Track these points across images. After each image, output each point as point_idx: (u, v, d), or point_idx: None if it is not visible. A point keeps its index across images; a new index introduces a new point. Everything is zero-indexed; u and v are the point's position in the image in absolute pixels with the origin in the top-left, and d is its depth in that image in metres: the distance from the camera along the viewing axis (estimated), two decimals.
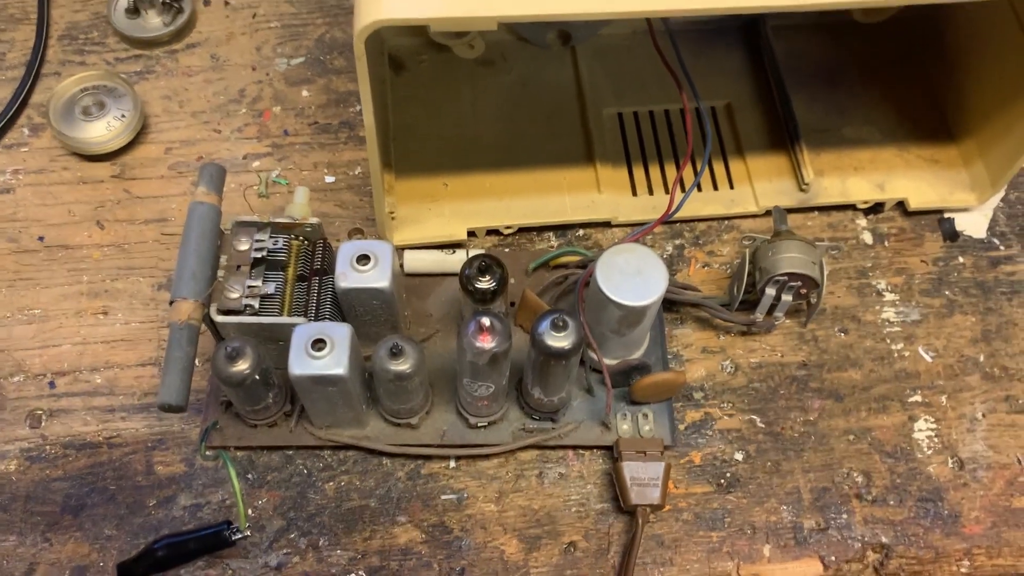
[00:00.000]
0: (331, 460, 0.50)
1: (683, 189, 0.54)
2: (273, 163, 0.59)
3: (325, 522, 0.48)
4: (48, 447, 0.50)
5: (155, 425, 0.51)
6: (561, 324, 0.43)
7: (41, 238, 0.56)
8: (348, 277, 0.45)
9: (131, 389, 0.52)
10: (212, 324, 0.46)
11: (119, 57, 0.63)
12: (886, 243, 0.57)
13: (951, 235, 0.58)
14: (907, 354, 0.53)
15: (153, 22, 0.63)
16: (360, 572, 0.47)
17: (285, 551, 0.47)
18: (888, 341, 0.54)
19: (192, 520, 0.48)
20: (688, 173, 0.57)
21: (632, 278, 0.45)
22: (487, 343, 0.42)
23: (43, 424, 0.51)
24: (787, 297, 0.51)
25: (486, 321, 0.42)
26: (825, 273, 0.51)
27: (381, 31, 0.39)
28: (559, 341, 0.43)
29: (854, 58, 0.62)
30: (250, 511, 0.48)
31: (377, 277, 0.45)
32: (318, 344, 0.43)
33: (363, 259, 0.46)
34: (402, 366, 0.44)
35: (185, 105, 0.61)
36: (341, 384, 0.44)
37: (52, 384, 0.52)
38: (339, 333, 0.44)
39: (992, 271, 0.56)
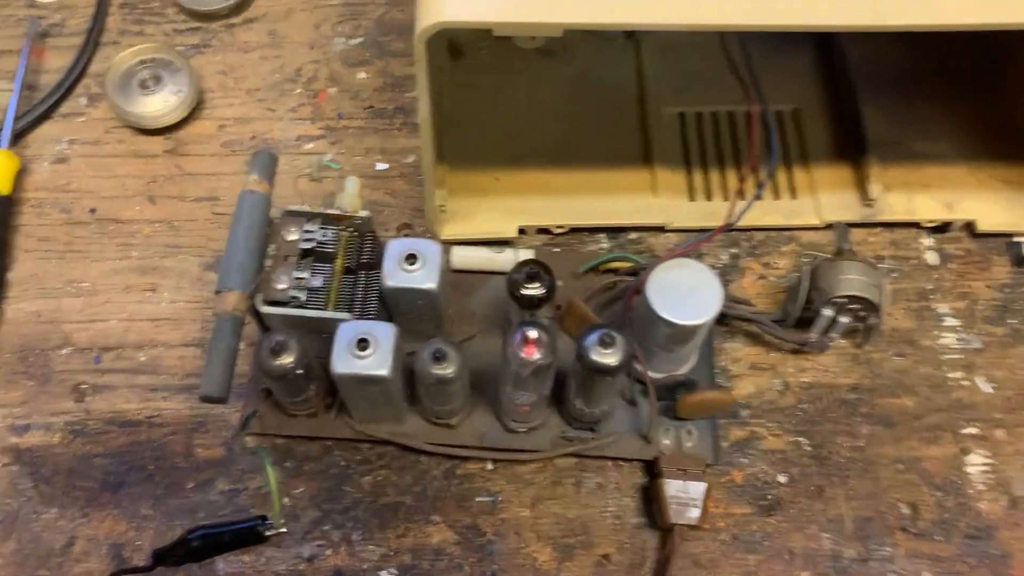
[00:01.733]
0: (369, 454, 0.50)
1: (743, 197, 0.53)
2: (326, 146, 0.59)
3: (360, 516, 0.48)
4: (91, 422, 0.50)
5: (196, 407, 0.51)
6: (609, 340, 0.42)
7: (93, 210, 0.56)
8: (395, 276, 0.45)
9: (174, 369, 0.52)
10: (257, 314, 0.46)
11: (177, 29, 0.63)
12: (950, 265, 0.55)
13: (1020, 260, 0.55)
14: (965, 383, 0.52)
15: None
16: (392, 569, 0.47)
17: (319, 543, 0.48)
18: (945, 368, 0.52)
19: (228, 505, 0.48)
20: (750, 181, 0.55)
21: (685, 295, 0.44)
22: (532, 355, 0.42)
23: (87, 399, 0.51)
24: (844, 319, 0.49)
25: (532, 333, 0.41)
26: (887, 297, 0.49)
27: None
28: (606, 358, 0.42)
29: (930, 68, 0.59)
30: (286, 500, 0.48)
31: (424, 278, 0.45)
32: (362, 343, 0.43)
33: (411, 258, 0.45)
34: (445, 371, 0.43)
35: (240, 82, 0.61)
36: (383, 384, 0.43)
37: (98, 359, 0.52)
38: (383, 333, 0.43)
39: None
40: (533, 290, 0.46)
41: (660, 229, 0.56)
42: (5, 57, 0.61)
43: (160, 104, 0.57)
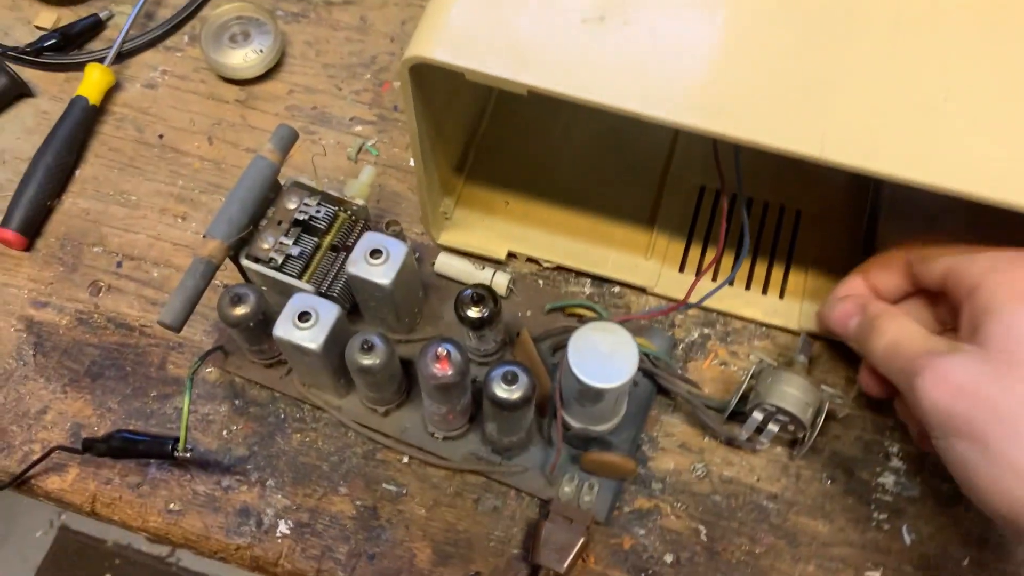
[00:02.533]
0: (307, 415, 0.54)
1: (715, 279, 0.54)
2: (373, 132, 0.64)
3: (279, 466, 0.53)
4: (96, 315, 0.58)
5: (183, 331, 0.57)
6: (511, 377, 0.44)
7: (161, 136, 0.64)
8: (357, 265, 0.49)
9: None
10: (239, 265, 0.52)
11: None
12: None
13: None
14: (887, 527, 0.51)
15: None
16: (289, 521, 0.51)
17: (238, 477, 0.53)
18: (873, 507, 0.51)
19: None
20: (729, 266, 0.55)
21: (602, 358, 0.45)
22: (440, 371, 0.45)
23: (100, 295, 0.58)
24: (773, 427, 0.50)
25: (443, 350, 0.45)
26: (821, 418, 0.49)
27: None
28: (507, 393, 0.44)
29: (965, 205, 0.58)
30: (225, 432, 0.54)
31: (382, 274, 0.48)
32: (304, 316, 0.47)
33: (376, 253, 0.49)
34: (368, 360, 0.47)
35: (321, 55, 0.66)
36: (314, 356, 0.48)
37: (119, 264, 0.59)
38: (327, 313, 0.48)
39: None
40: (475, 313, 0.49)
41: (643, 291, 0.57)
42: None
43: (241, 59, 0.64)
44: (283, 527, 0.51)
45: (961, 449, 0.40)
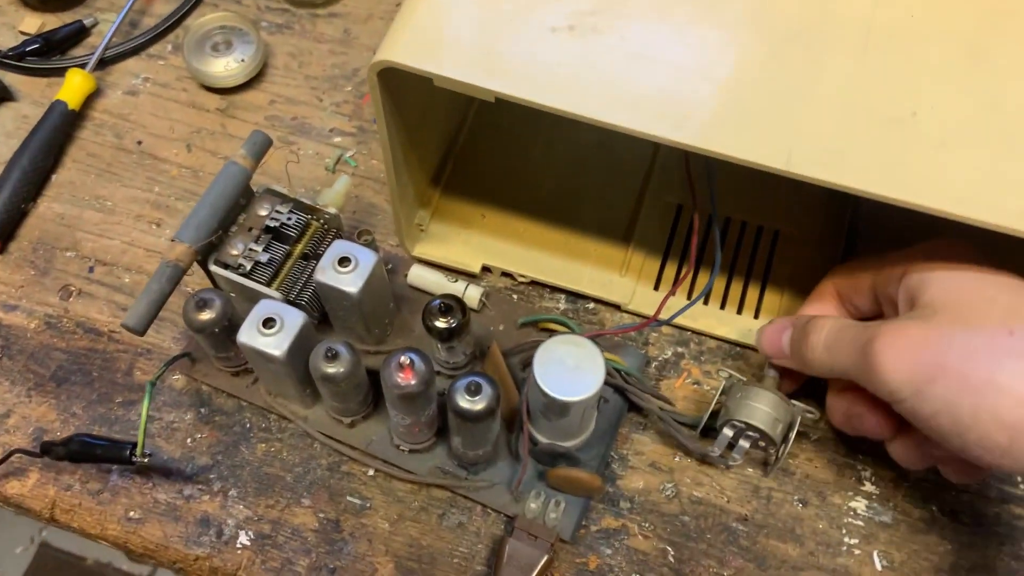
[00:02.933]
0: (272, 425, 0.54)
1: (689, 297, 0.53)
2: (352, 144, 0.63)
3: (242, 476, 0.52)
4: (65, 320, 0.57)
5: (151, 336, 0.56)
6: (475, 388, 0.44)
7: (140, 142, 0.63)
8: (325, 272, 0.48)
9: None
10: (207, 269, 0.51)
11: (270, 6, 0.69)
12: None
13: None
14: (857, 552, 0.50)
15: None
16: (250, 532, 0.51)
17: (200, 487, 0.52)
18: (844, 531, 0.50)
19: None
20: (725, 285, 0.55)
21: (567, 371, 0.45)
22: (404, 380, 0.44)
23: (70, 300, 0.58)
24: (744, 444, 0.49)
25: (406, 359, 0.44)
26: (793, 433, 0.48)
27: None
28: (470, 404, 0.44)
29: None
30: (189, 440, 0.53)
31: (350, 282, 0.48)
32: (269, 323, 0.47)
33: (345, 261, 0.48)
34: (331, 369, 0.46)
35: (303, 67, 0.66)
36: (277, 364, 0.47)
37: (91, 269, 0.59)
38: (292, 320, 0.47)
39: (998, 506, 0.51)
40: (443, 323, 0.48)
41: (617, 307, 0.57)
42: None
43: (222, 67, 0.64)
44: (244, 538, 0.50)
45: (940, 392, 0.38)
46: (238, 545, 0.50)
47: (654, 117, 0.39)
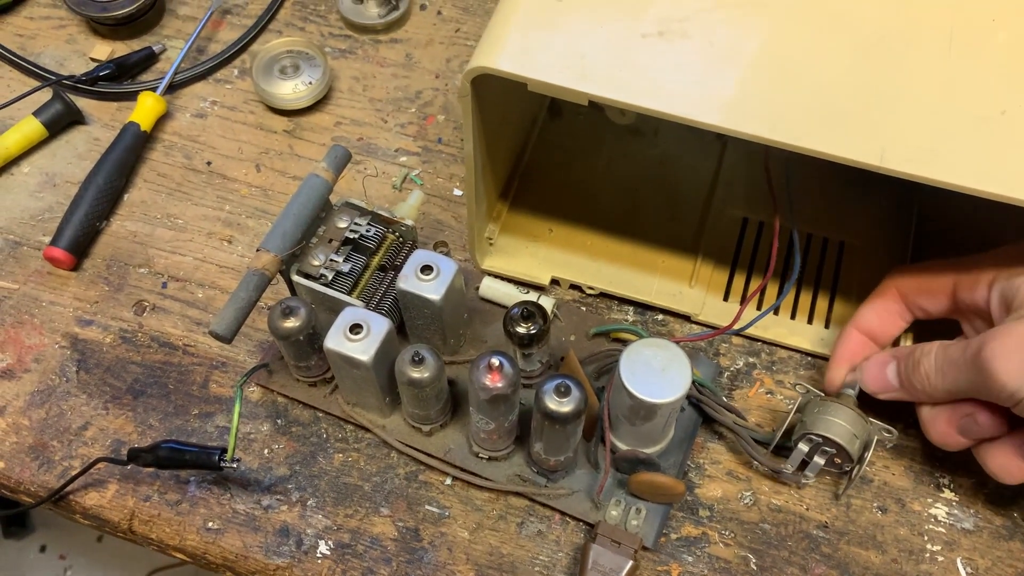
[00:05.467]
0: (349, 435, 0.54)
1: (760, 307, 0.54)
2: (418, 163, 0.64)
3: (321, 486, 0.52)
4: (140, 335, 0.58)
5: (226, 349, 0.57)
6: (564, 389, 0.44)
7: (209, 163, 0.65)
8: (408, 280, 0.49)
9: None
10: (289, 280, 0.52)
11: (333, 32, 0.71)
12: None
13: None
14: (941, 559, 0.50)
15: (371, 11, 0.70)
16: (329, 541, 0.51)
17: (278, 497, 0.52)
18: (926, 538, 0.50)
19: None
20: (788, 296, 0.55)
21: (654, 373, 0.45)
22: (492, 383, 0.45)
23: (144, 315, 0.58)
24: (820, 460, 0.49)
25: (496, 361, 0.44)
26: (869, 453, 0.48)
27: None
28: (559, 405, 0.44)
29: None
30: (266, 451, 0.53)
31: (432, 289, 0.49)
32: (356, 328, 0.47)
33: (427, 269, 0.49)
34: (417, 373, 0.47)
35: (368, 90, 0.68)
36: (364, 369, 0.48)
37: (164, 284, 0.60)
38: (378, 325, 0.48)
39: None
40: (524, 328, 0.49)
41: (686, 318, 0.57)
42: (191, 22, 0.72)
43: (290, 89, 0.65)
44: (323, 548, 0.50)
45: None
46: (318, 555, 0.50)
47: (748, 117, 0.40)
